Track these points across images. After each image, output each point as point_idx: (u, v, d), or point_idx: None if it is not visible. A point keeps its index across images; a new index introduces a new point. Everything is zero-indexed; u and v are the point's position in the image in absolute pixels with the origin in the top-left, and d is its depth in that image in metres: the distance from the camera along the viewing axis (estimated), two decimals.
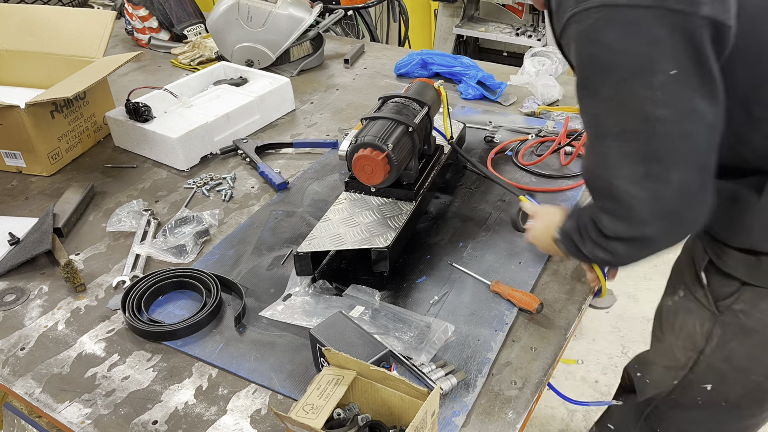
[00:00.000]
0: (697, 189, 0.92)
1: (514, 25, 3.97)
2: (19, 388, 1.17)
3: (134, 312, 1.29)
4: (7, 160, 1.83)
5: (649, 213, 0.93)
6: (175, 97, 1.94)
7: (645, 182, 0.91)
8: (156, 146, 1.84)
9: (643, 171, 0.90)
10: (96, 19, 2.05)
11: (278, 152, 1.89)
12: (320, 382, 0.96)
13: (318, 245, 1.35)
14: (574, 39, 0.91)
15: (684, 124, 0.87)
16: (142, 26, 2.63)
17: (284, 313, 1.29)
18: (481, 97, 2.09)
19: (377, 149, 1.37)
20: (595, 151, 0.96)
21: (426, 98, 1.55)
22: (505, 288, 1.31)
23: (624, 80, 0.87)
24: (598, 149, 0.95)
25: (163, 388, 1.16)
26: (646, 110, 0.87)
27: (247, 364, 1.20)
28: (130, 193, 1.73)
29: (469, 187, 1.67)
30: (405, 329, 1.22)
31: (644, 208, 0.92)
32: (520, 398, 1.11)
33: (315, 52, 2.42)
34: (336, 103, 2.16)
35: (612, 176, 0.93)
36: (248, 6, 2.26)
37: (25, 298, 1.39)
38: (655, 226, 0.94)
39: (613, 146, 0.92)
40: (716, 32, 0.84)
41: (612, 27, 0.85)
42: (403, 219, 1.42)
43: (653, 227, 0.94)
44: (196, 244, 1.50)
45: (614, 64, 0.87)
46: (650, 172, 0.90)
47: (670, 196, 0.91)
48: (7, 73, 2.13)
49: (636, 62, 0.85)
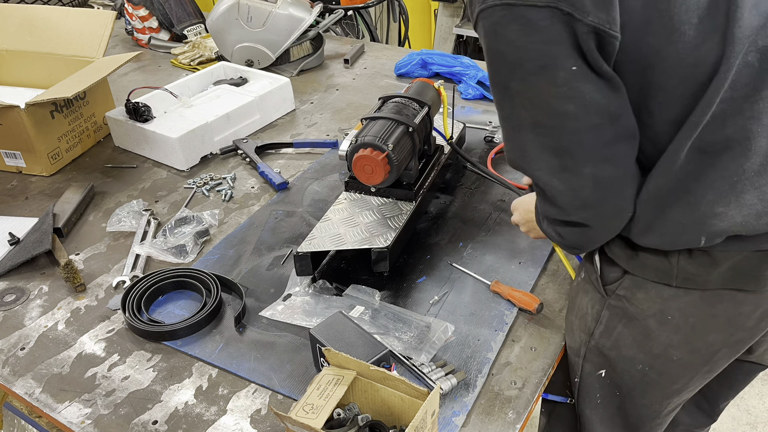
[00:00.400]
0: (612, 181, 0.94)
1: None
2: (19, 388, 1.17)
3: (134, 312, 1.29)
4: (7, 160, 1.83)
5: (568, 203, 0.97)
6: (175, 97, 1.94)
7: (562, 174, 0.94)
8: (156, 146, 1.84)
9: (558, 164, 0.93)
10: (96, 19, 2.05)
11: (278, 152, 1.89)
12: (320, 382, 0.96)
13: (318, 245, 1.35)
14: (482, 35, 0.93)
15: (589, 118, 0.89)
16: (142, 26, 2.63)
17: (284, 313, 1.29)
18: (481, 97, 2.09)
19: (377, 149, 1.37)
20: (514, 144, 0.99)
21: (426, 98, 1.55)
22: (505, 288, 1.31)
23: (530, 76, 0.89)
24: (516, 141, 0.98)
25: (163, 388, 1.16)
26: (554, 105, 0.89)
27: (247, 364, 1.20)
28: (130, 193, 1.73)
29: (469, 187, 1.67)
30: (405, 329, 1.22)
31: (564, 199, 0.96)
32: (520, 398, 1.11)
33: (315, 52, 2.42)
34: (336, 103, 2.16)
35: (533, 167, 0.97)
36: (248, 6, 2.26)
37: (25, 298, 1.39)
38: (579, 215, 0.97)
39: (530, 139, 0.95)
40: (601, 40, 0.86)
41: (514, 25, 0.87)
42: (403, 219, 1.42)
43: (578, 215, 0.97)
44: (196, 244, 1.50)
45: (519, 60, 0.89)
46: (565, 165, 0.93)
47: (586, 188, 0.94)
48: (7, 73, 2.13)
49: (539, 59, 0.87)
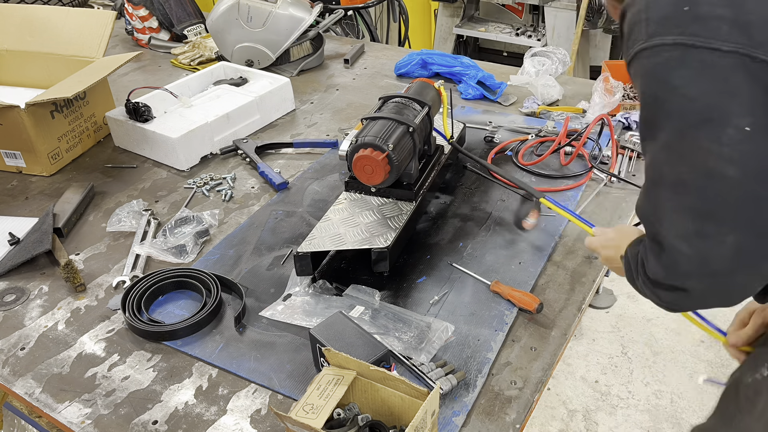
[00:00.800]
0: (753, 255, 0.83)
1: (514, 25, 3.97)
2: (19, 388, 1.17)
3: (134, 312, 1.29)
4: (7, 160, 1.83)
5: (693, 269, 0.86)
6: (175, 97, 1.94)
7: (695, 240, 0.83)
8: (156, 146, 1.84)
9: (695, 229, 0.83)
10: (96, 19, 2.05)
11: (278, 152, 1.89)
12: (320, 382, 0.96)
13: (318, 245, 1.35)
14: (640, 75, 0.84)
15: (751, 186, 0.79)
16: (142, 26, 2.63)
17: (284, 313, 1.29)
18: (481, 97, 2.09)
19: (377, 149, 1.37)
20: (648, 196, 0.90)
21: (426, 98, 1.55)
22: (505, 288, 1.31)
23: (689, 129, 0.79)
24: (651, 195, 0.89)
25: (163, 388, 1.16)
26: (710, 165, 0.79)
27: (247, 364, 1.20)
28: (130, 193, 1.73)
29: (469, 187, 1.67)
30: (405, 329, 1.22)
31: (689, 265, 0.85)
32: (520, 398, 1.11)
33: (315, 52, 2.42)
34: (336, 103, 2.16)
35: (661, 226, 0.87)
36: (248, 6, 2.26)
37: (25, 298, 1.39)
38: (697, 282, 0.87)
39: (667, 197, 0.85)
40: None
41: (684, 69, 0.78)
42: (403, 219, 1.42)
43: (695, 283, 0.87)
44: (196, 244, 1.50)
45: (680, 110, 0.80)
46: (703, 230, 0.82)
47: (720, 258, 0.83)
48: (7, 73, 2.13)
49: (706, 112, 0.78)
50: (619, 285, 2.86)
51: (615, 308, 2.77)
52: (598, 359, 2.53)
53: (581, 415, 2.34)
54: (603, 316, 2.72)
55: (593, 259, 1.41)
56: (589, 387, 2.43)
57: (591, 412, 2.34)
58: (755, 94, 0.75)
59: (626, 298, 2.81)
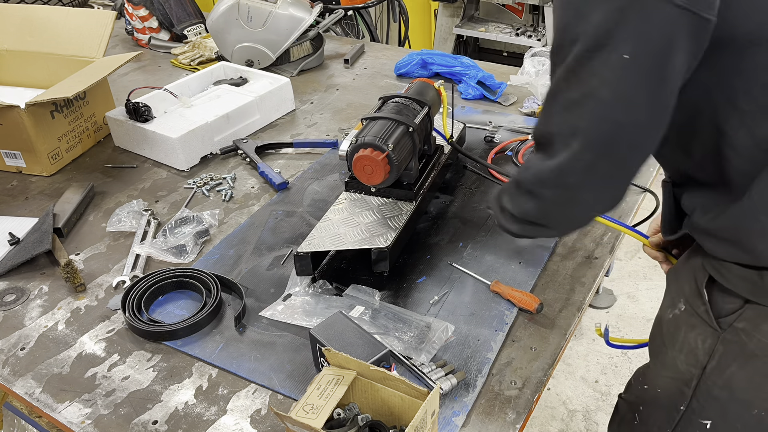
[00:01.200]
0: (601, 176, 0.92)
1: (514, 25, 3.97)
2: (19, 388, 1.17)
3: (134, 312, 1.29)
4: (7, 160, 1.83)
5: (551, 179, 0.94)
6: (175, 97, 1.94)
7: (563, 151, 0.90)
8: (156, 146, 1.84)
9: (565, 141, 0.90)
10: (96, 19, 2.05)
11: (278, 152, 1.89)
12: (320, 382, 0.96)
13: (318, 245, 1.35)
14: (558, 5, 0.90)
15: (616, 111, 0.86)
16: (142, 26, 2.63)
17: (284, 313, 1.29)
18: (481, 97, 2.09)
19: (377, 149, 1.37)
20: (544, 111, 0.96)
21: (426, 98, 1.55)
22: (505, 288, 1.31)
23: (587, 52, 0.85)
24: (546, 108, 0.96)
25: (163, 388, 1.16)
26: (593, 85, 0.86)
27: (247, 364, 1.20)
28: (130, 193, 1.73)
29: (469, 187, 1.67)
30: (405, 329, 1.22)
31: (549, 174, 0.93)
32: (520, 398, 1.11)
33: (315, 52, 2.42)
34: (336, 103, 2.16)
35: (548, 124, 0.94)
36: (248, 6, 2.26)
37: (25, 298, 1.39)
38: (550, 191, 0.95)
39: (557, 110, 0.92)
40: (696, 27, 0.81)
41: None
42: (403, 219, 1.42)
43: (548, 191, 0.95)
44: (196, 244, 1.50)
45: (584, 34, 0.85)
46: (569, 144, 0.90)
47: (574, 172, 0.91)
48: (7, 73, 2.13)
49: (603, 38, 0.83)
50: (619, 285, 2.86)
51: (615, 308, 2.77)
52: (598, 359, 2.53)
53: (581, 415, 2.34)
54: (603, 316, 2.72)
55: (593, 259, 1.41)
56: (589, 387, 2.43)
57: (591, 412, 2.34)
58: (643, 27, 0.81)
59: (626, 298, 2.81)
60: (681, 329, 1.08)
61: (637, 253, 2.98)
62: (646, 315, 2.69)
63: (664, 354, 1.14)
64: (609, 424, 1.37)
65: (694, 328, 1.05)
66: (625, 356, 2.52)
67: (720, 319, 1.00)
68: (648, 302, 2.76)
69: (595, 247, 1.44)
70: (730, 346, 1.00)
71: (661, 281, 1.28)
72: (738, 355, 1.00)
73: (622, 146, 0.90)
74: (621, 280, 2.89)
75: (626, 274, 2.92)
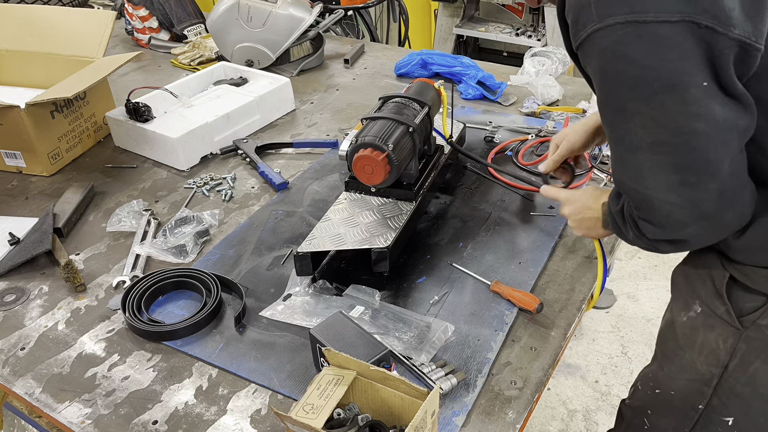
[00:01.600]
0: (734, 192, 0.91)
1: (514, 25, 3.97)
2: (19, 388, 1.17)
3: (134, 312, 1.29)
4: (7, 160, 1.83)
5: (687, 217, 0.92)
6: (175, 97, 1.94)
7: (681, 189, 0.90)
8: (156, 146, 1.84)
9: (678, 179, 0.90)
10: (96, 19, 2.05)
11: (278, 152, 1.89)
12: (320, 382, 0.96)
13: (318, 245, 1.35)
14: (596, 56, 0.89)
15: (719, 136, 0.87)
16: (142, 26, 2.63)
17: (284, 313, 1.29)
18: (481, 97, 2.09)
19: (377, 149, 1.37)
20: (627, 165, 0.95)
21: (426, 98, 1.55)
22: (505, 288, 1.31)
23: (655, 95, 0.86)
24: (630, 163, 0.94)
25: (163, 388, 1.16)
26: (681, 124, 0.86)
27: (247, 364, 1.20)
28: (130, 193, 1.73)
29: (469, 187, 1.67)
30: (405, 329, 1.22)
31: (682, 213, 0.92)
32: (520, 398, 1.11)
33: (315, 52, 2.42)
34: (336, 103, 2.16)
35: (647, 187, 0.93)
36: (248, 6, 2.26)
37: (25, 298, 1.39)
38: (695, 227, 0.94)
39: (646, 158, 0.91)
40: (743, 53, 0.83)
41: (641, 44, 0.83)
42: (403, 219, 1.42)
43: (694, 228, 0.94)
44: (196, 244, 1.50)
45: (644, 79, 0.85)
46: (685, 180, 0.89)
47: (707, 201, 0.90)
48: (7, 73, 2.13)
49: (667, 78, 0.84)
50: (619, 285, 2.86)
51: (615, 308, 2.77)
52: (598, 359, 2.53)
53: (581, 415, 2.34)
54: (603, 316, 2.72)
55: (593, 259, 1.41)
56: (589, 387, 2.43)
57: (591, 412, 2.34)
58: (705, 55, 0.83)
59: (626, 298, 2.81)
60: (699, 331, 1.09)
61: (637, 253, 2.98)
62: (646, 315, 2.69)
63: (680, 357, 1.14)
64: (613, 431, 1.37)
65: (713, 329, 1.06)
66: (625, 356, 2.52)
67: (742, 317, 1.02)
68: (648, 302, 2.76)
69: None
70: (754, 343, 1.02)
71: (661, 281, 1.28)
72: (762, 351, 1.02)
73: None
74: (621, 280, 2.88)
75: (626, 274, 2.92)
